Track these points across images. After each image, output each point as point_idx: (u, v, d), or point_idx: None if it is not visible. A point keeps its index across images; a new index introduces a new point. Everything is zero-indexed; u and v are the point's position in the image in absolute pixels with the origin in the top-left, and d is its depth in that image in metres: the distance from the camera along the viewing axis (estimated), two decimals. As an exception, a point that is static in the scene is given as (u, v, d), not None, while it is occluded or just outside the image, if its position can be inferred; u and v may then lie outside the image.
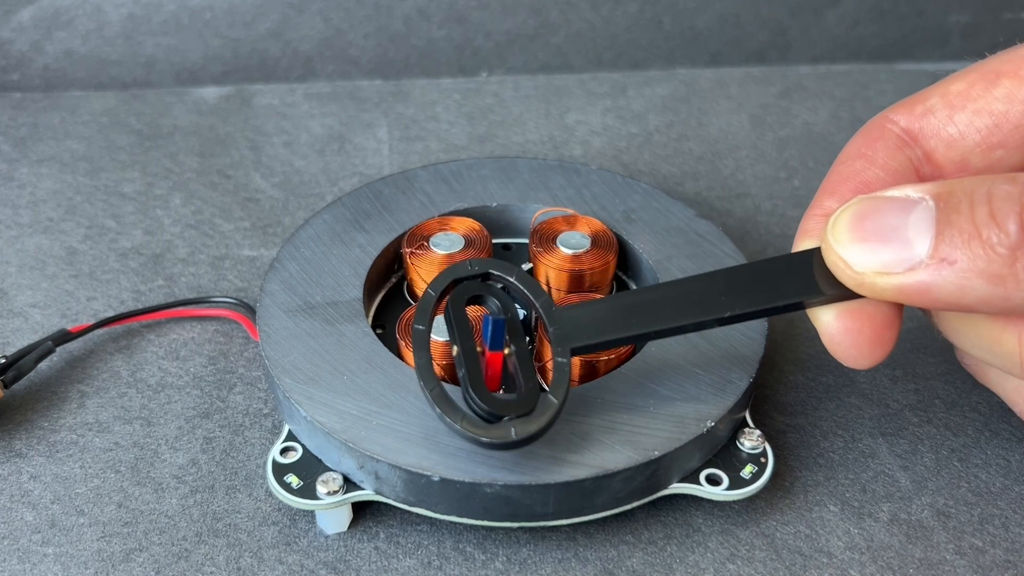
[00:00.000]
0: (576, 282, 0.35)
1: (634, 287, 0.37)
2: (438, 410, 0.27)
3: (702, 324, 0.28)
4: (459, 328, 0.28)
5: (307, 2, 0.54)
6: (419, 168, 0.40)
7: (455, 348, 0.28)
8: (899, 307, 0.27)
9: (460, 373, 0.28)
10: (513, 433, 0.26)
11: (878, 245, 0.24)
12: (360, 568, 0.30)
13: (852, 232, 0.25)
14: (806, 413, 0.36)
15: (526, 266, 0.36)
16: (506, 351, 0.28)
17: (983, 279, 0.23)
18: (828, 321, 0.27)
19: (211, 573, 0.30)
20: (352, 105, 0.52)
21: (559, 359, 0.27)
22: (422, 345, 0.28)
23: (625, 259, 0.37)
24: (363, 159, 0.48)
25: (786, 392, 0.36)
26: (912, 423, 0.35)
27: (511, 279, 0.29)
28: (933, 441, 0.35)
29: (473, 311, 0.31)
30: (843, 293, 0.26)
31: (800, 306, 0.27)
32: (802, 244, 0.28)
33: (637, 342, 0.28)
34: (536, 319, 0.32)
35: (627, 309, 0.28)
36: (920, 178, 0.27)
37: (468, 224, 0.37)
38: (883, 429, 0.35)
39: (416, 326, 0.28)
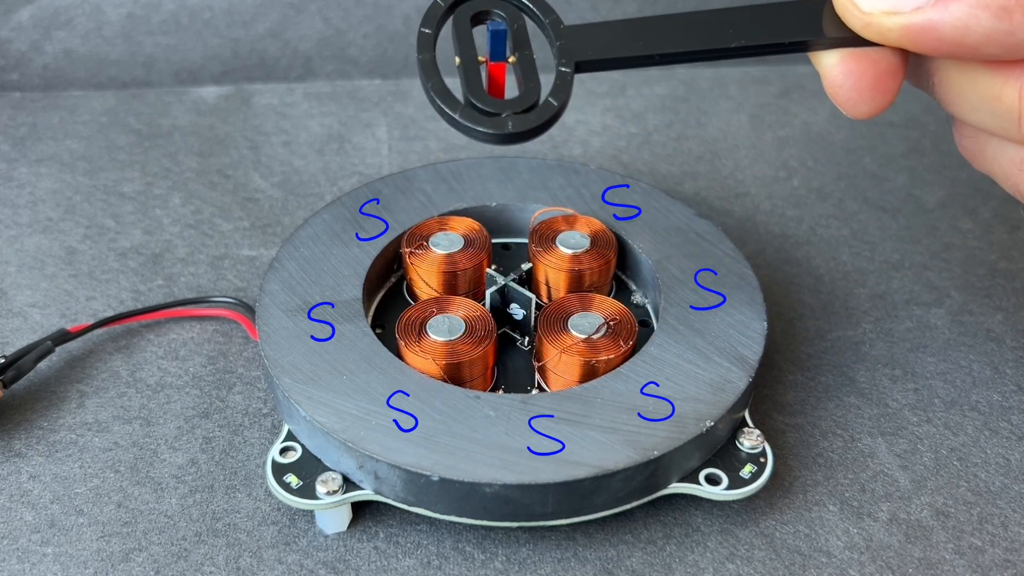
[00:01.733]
0: (575, 281, 0.35)
1: (633, 287, 0.38)
2: (437, 101, 0.27)
3: (709, 53, 0.28)
4: (461, 41, 0.28)
5: (306, 2, 0.54)
6: (418, 168, 0.40)
7: (457, 59, 0.28)
8: (903, 56, 0.26)
9: (461, 83, 0.27)
10: (510, 126, 0.26)
11: None
12: (359, 568, 0.30)
13: None
14: (805, 413, 0.36)
15: (526, 266, 0.36)
16: (511, 59, 0.28)
17: (989, 12, 0.23)
18: (831, 64, 0.27)
19: (210, 573, 0.30)
20: (351, 105, 0.52)
21: (562, 68, 0.27)
22: (426, 47, 0.28)
23: (624, 259, 0.37)
24: (362, 159, 0.48)
25: (785, 392, 0.37)
26: (911, 423, 0.35)
27: None
28: (932, 440, 0.35)
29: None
30: (849, 37, 0.26)
31: (806, 46, 0.27)
32: None
33: (643, 65, 0.28)
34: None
35: (636, 30, 0.28)
36: None
37: (467, 224, 0.37)
38: (882, 429, 0.35)
39: (422, 29, 0.28)
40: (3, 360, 0.34)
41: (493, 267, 0.36)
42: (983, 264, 0.43)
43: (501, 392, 0.33)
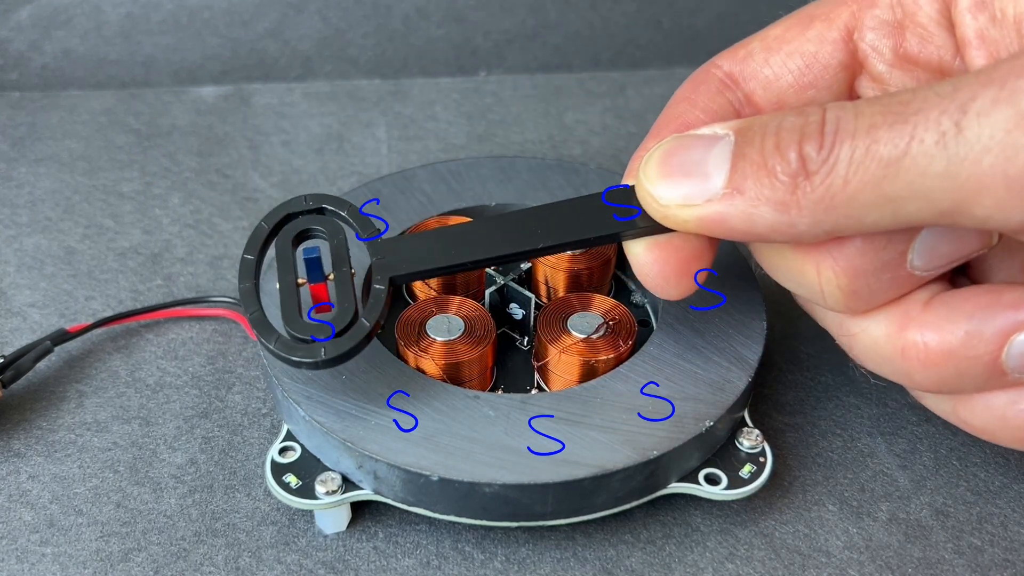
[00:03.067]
0: (575, 281, 0.35)
1: (633, 287, 0.38)
2: (256, 331, 0.28)
3: (518, 255, 0.29)
4: (282, 264, 0.29)
5: (306, 1, 0.54)
6: (418, 167, 0.40)
7: (277, 284, 0.29)
8: (709, 243, 0.28)
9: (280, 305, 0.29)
10: (323, 352, 0.27)
11: (681, 179, 0.26)
12: (359, 568, 0.30)
13: (660, 168, 0.26)
14: (805, 412, 0.36)
15: (525, 265, 0.36)
16: (330, 277, 0.29)
17: (770, 206, 0.24)
18: (639, 252, 0.28)
19: (210, 573, 0.30)
20: (351, 104, 0.52)
21: (376, 286, 0.28)
22: (248, 275, 0.29)
23: (624, 258, 0.37)
24: (362, 158, 0.48)
25: (785, 391, 0.37)
26: (911, 422, 0.35)
27: (343, 213, 0.30)
28: (932, 440, 0.35)
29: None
30: (654, 227, 0.27)
31: (616, 238, 0.28)
32: (626, 182, 0.30)
33: (454, 272, 0.29)
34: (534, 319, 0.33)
35: (446, 240, 0.29)
36: (739, 118, 0.28)
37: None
38: (882, 428, 0.35)
39: (245, 255, 0.29)
40: (2, 360, 0.34)
41: (492, 267, 0.36)
42: (982, 264, 0.42)
43: (501, 392, 0.33)
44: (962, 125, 0.21)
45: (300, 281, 0.29)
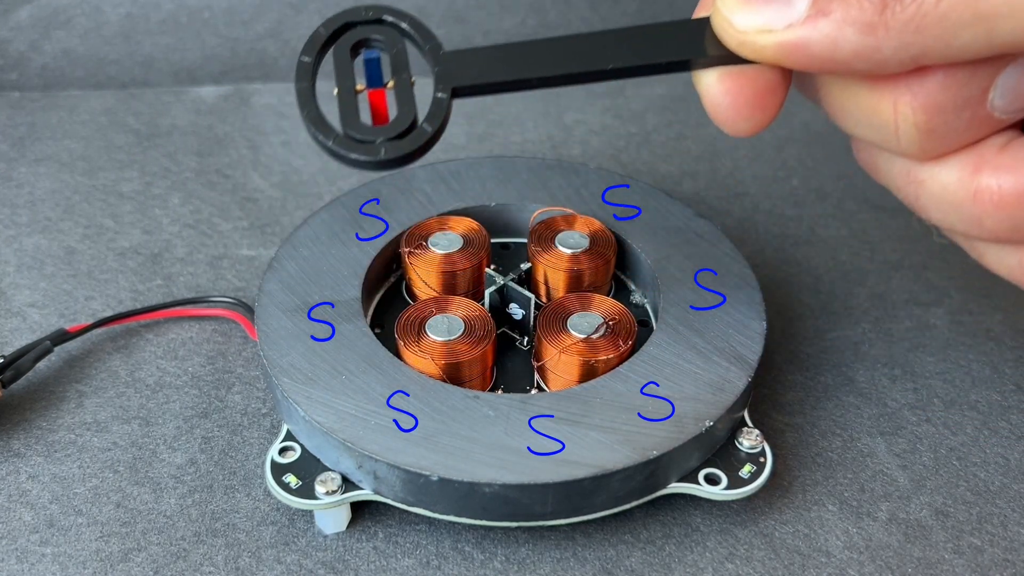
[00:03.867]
0: (575, 281, 0.35)
1: (632, 287, 0.38)
2: (312, 130, 0.27)
3: (586, 75, 0.28)
4: (340, 70, 0.29)
5: (305, 1, 0.54)
6: (417, 167, 0.40)
7: (335, 89, 0.28)
8: (782, 74, 0.27)
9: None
10: (383, 152, 0.27)
11: (761, 5, 0.25)
12: (359, 568, 0.30)
13: None
14: (804, 412, 0.36)
15: (525, 265, 0.36)
16: (388, 85, 0.28)
17: (855, 28, 0.24)
18: (710, 83, 0.27)
19: (209, 573, 0.30)
20: (350, 104, 0.52)
21: (439, 95, 0.28)
22: (304, 75, 0.28)
23: (624, 258, 0.37)
24: (362, 158, 0.48)
25: (784, 391, 0.37)
26: (910, 422, 0.35)
27: (403, 25, 0.29)
28: (931, 440, 0.35)
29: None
30: (727, 56, 0.27)
31: (686, 65, 0.28)
32: (698, 15, 0.29)
33: (519, 88, 0.28)
34: None
35: (513, 55, 0.28)
36: None
37: (467, 223, 0.37)
38: (881, 428, 0.35)
39: (302, 57, 0.29)
40: (2, 360, 0.34)
41: (492, 267, 0.36)
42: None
43: (500, 392, 0.33)
44: None
45: (358, 88, 0.28)
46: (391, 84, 0.28)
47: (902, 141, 0.26)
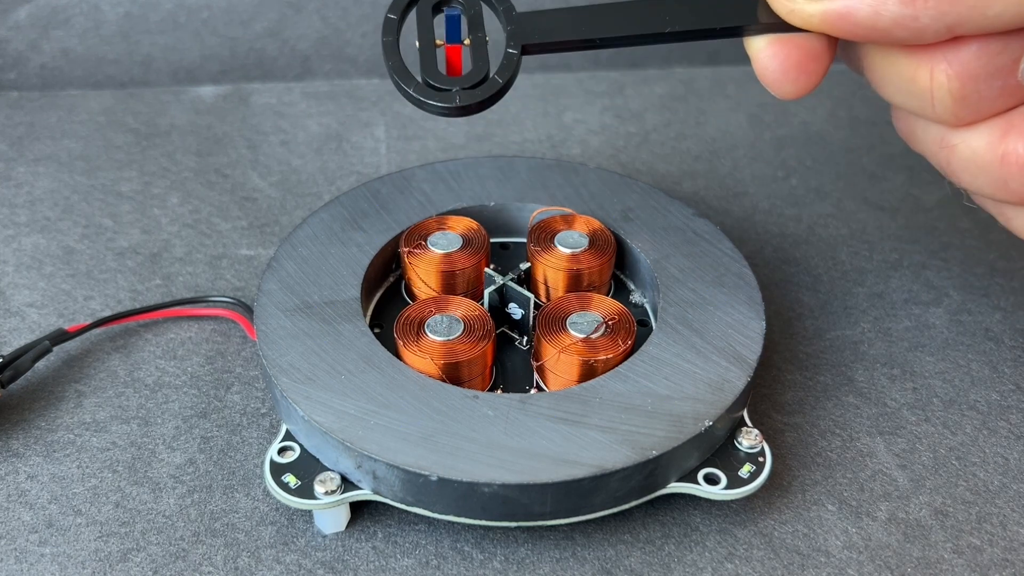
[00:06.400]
0: (574, 281, 0.35)
1: (632, 287, 0.38)
2: (395, 78, 0.30)
3: (646, 37, 0.30)
4: (422, 26, 0.31)
5: (304, 1, 0.54)
6: (417, 167, 0.40)
7: (417, 43, 0.31)
8: (827, 42, 0.29)
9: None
10: (458, 100, 0.29)
11: None
12: (358, 568, 0.30)
13: None
14: (804, 412, 0.36)
15: (524, 265, 0.36)
16: (466, 42, 0.31)
17: None
18: (760, 48, 0.29)
19: (209, 573, 0.30)
20: (350, 104, 0.52)
21: (510, 51, 0.30)
22: (390, 31, 0.31)
23: (623, 258, 0.37)
24: (361, 158, 0.48)
25: (784, 391, 0.37)
26: (910, 422, 0.35)
27: None
28: (931, 440, 0.35)
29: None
30: (777, 23, 0.29)
31: (739, 31, 0.30)
32: None
33: (585, 48, 0.30)
34: None
35: (580, 16, 0.30)
36: None
37: (466, 223, 0.37)
38: (881, 428, 0.35)
39: (388, 15, 0.31)
40: (1, 360, 0.34)
41: (491, 266, 0.36)
42: (982, 263, 0.43)
43: (500, 392, 0.33)
44: None
45: (438, 43, 0.31)
46: (468, 41, 0.31)
47: (937, 107, 0.27)
